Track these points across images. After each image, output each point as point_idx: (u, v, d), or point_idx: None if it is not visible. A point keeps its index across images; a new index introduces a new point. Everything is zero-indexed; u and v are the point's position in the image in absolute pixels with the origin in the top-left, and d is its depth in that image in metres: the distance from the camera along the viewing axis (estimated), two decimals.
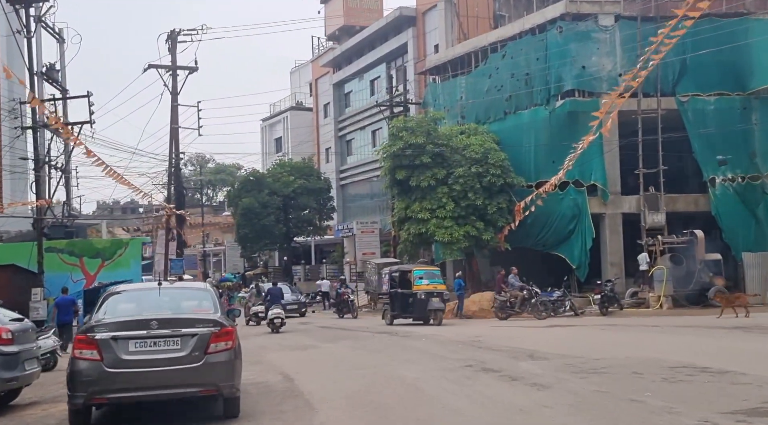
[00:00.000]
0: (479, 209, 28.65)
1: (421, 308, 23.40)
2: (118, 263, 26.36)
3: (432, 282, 23.73)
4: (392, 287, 25.14)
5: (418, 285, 23.55)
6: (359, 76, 46.66)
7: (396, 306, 24.46)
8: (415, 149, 28.87)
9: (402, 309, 24.21)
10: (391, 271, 25.90)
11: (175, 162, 27.05)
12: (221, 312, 9.34)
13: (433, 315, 23.34)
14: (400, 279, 24.75)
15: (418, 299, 23.37)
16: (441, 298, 23.59)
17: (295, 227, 44.10)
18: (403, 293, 24.18)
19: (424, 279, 23.70)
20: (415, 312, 23.76)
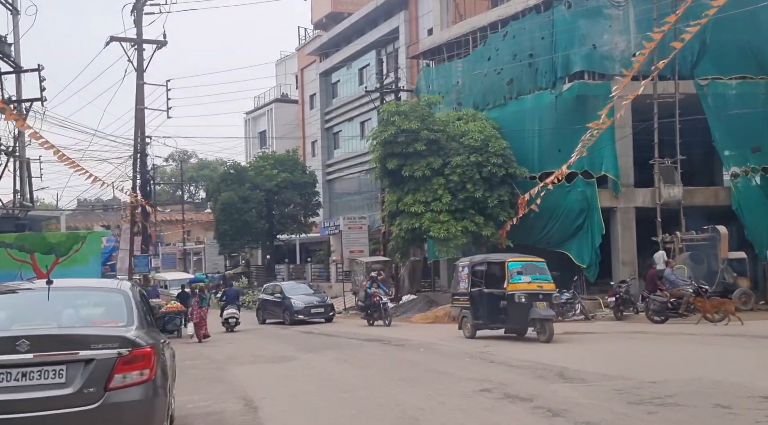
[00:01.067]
0: (478, 202, 25.59)
1: (518, 316, 16.24)
2: (75, 259, 23.00)
3: (536, 280, 16.49)
4: (474, 285, 17.70)
5: (515, 282, 16.35)
6: (347, 64, 43.56)
7: (480, 312, 17.35)
8: (408, 135, 25.76)
9: (489, 317, 17.12)
10: (474, 263, 18.20)
11: (141, 146, 23.79)
12: (140, 324, 6.22)
13: (537, 327, 16.03)
14: (486, 275, 17.48)
15: (515, 303, 16.17)
16: (549, 303, 16.24)
17: (278, 223, 40.95)
18: (491, 294, 17.01)
19: (523, 275, 16.49)
20: (509, 322, 16.77)
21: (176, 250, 56.13)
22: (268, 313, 28.04)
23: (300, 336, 21.05)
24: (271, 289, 28.80)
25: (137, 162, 23.92)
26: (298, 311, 26.10)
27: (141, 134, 24.00)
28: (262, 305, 28.68)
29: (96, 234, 24.12)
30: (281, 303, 26.91)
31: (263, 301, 28.63)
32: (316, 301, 26.99)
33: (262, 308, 28.63)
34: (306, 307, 26.29)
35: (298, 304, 26.30)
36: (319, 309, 26.64)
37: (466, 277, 18.25)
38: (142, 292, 7.39)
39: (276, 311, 27.35)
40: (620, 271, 25.12)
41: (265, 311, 28.27)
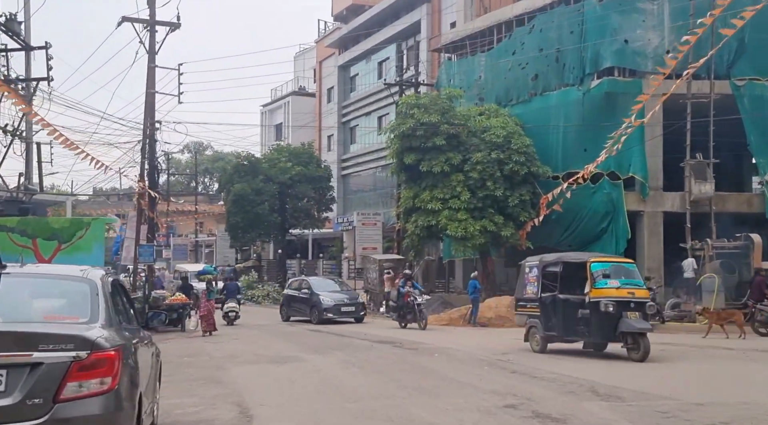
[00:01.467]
0: (498, 201, 24.40)
1: (603, 328, 13.45)
2: (77, 246, 22.07)
3: (626, 285, 13.68)
4: (546, 290, 14.75)
5: (601, 287, 13.53)
6: (366, 57, 42.43)
7: (553, 321, 14.42)
8: (427, 129, 24.60)
9: (566, 328, 14.16)
10: (545, 264, 15.26)
11: (150, 131, 22.79)
12: (107, 320, 5.13)
13: (629, 343, 13.30)
14: (562, 278, 14.55)
15: (600, 313, 13.33)
16: (643, 313, 13.49)
17: (291, 217, 39.82)
18: (567, 301, 14.18)
19: (610, 279, 13.73)
20: (592, 334, 13.81)
21: (188, 242, 55.24)
22: (293, 310, 25.91)
23: (307, 335, 19.97)
24: (298, 284, 26.54)
25: (146, 148, 22.90)
26: (327, 309, 23.96)
27: (151, 119, 22.99)
28: (286, 301, 26.46)
29: (100, 220, 23.15)
30: (308, 300, 24.80)
31: (288, 297, 26.39)
32: (346, 299, 24.66)
33: (286, 304, 26.39)
34: (336, 305, 24.13)
35: (327, 302, 24.13)
36: (349, 307, 24.38)
37: (534, 280, 15.32)
38: (117, 282, 6.31)
39: (302, 308, 25.34)
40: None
41: (290, 308, 26.13)
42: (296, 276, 41.63)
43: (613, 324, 13.30)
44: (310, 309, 24.65)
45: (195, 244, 57.86)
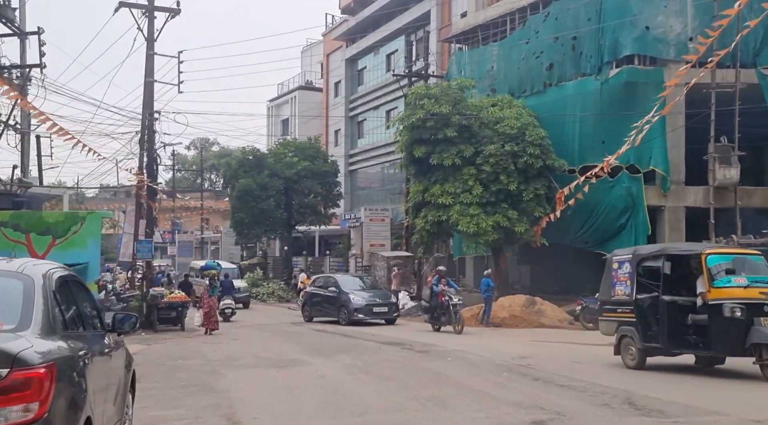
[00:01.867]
0: (512, 195, 23.22)
1: (728, 338, 10.70)
2: (72, 242, 21.02)
3: (755, 283, 10.81)
4: (643, 290, 11.97)
5: (723, 286, 10.83)
6: (375, 50, 41.25)
7: (655, 330, 11.65)
8: (438, 120, 23.44)
9: (672, 338, 11.41)
10: (641, 257, 12.40)
11: (149, 122, 21.71)
12: (44, 327, 4.01)
13: (764, 358, 10.42)
14: (665, 274, 11.80)
15: (725, 319, 10.61)
16: None
17: (297, 213, 38.71)
18: (673, 304, 11.59)
19: (735, 276, 10.95)
20: (712, 345, 10.97)
21: (193, 238, 54.27)
22: (317, 310, 23.82)
23: (312, 336, 18.85)
24: (324, 282, 24.34)
25: (144, 139, 21.83)
26: (357, 309, 21.88)
27: (149, 109, 21.92)
28: (309, 300, 24.27)
29: (96, 214, 22.10)
30: (336, 298, 22.77)
31: (312, 296, 24.23)
32: (378, 299, 22.55)
33: (309, 303, 24.23)
34: (367, 305, 21.99)
35: (358, 301, 22.04)
36: (381, 307, 22.23)
37: (626, 278, 12.38)
38: (70, 279, 5.19)
39: (328, 308, 23.28)
40: None
41: (313, 307, 23.96)
42: (303, 273, 40.68)
43: (741, 334, 10.48)
44: (338, 309, 22.64)
45: (201, 241, 56.87)
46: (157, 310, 21.03)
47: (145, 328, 21.02)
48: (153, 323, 21.00)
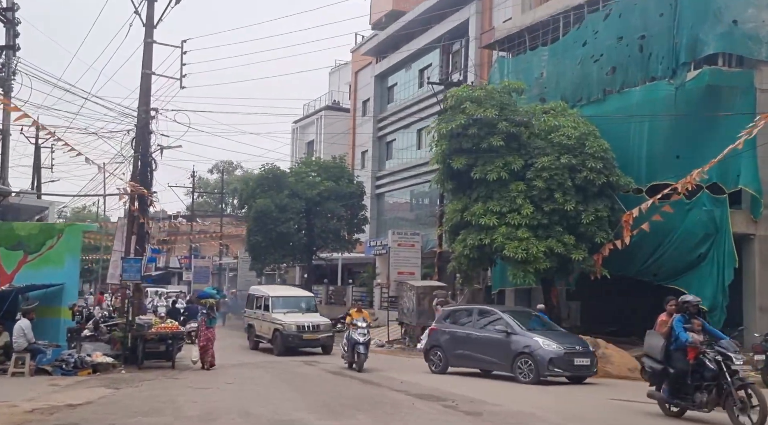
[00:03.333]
0: (568, 217, 19.26)
1: None
2: (47, 258, 17.53)
3: None
4: None
5: None
6: (406, 65, 37.75)
7: None
8: (481, 127, 19.64)
9: None
10: None
11: (144, 120, 18.18)
12: None
13: None
14: None
15: None
16: None
17: (318, 238, 34.91)
18: None
19: None
20: None
21: (209, 263, 50.70)
22: (463, 358, 16.81)
23: (325, 382, 14.89)
24: (470, 317, 17.21)
25: (139, 139, 18.30)
26: (553, 360, 14.98)
27: (146, 105, 18.42)
28: (446, 343, 17.04)
29: (75, 227, 18.51)
30: (505, 343, 15.77)
31: (451, 337, 17.04)
32: (579, 347, 15.64)
33: (446, 347, 17.00)
34: (567, 355, 15.12)
35: (551, 350, 15.11)
36: (583, 359, 15.37)
37: None
38: None
39: (487, 356, 16.22)
40: (757, 319, 18.39)
41: (454, 353, 16.85)
42: (323, 304, 36.75)
43: None
44: (511, 359, 15.52)
45: (219, 267, 53.29)
46: (144, 343, 17.26)
47: (129, 364, 17.28)
48: (139, 358, 17.23)
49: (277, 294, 24.16)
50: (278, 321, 22.12)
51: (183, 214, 58.87)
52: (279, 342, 21.88)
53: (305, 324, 22.03)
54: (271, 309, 22.76)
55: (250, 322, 24.42)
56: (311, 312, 23.35)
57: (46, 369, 16.03)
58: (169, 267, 60.24)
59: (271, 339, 22.43)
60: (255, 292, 25.09)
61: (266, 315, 22.96)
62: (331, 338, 22.35)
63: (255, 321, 23.98)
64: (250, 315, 24.55)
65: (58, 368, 16.08)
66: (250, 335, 24.37)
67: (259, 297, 24.15)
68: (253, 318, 24.17)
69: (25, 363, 15.51)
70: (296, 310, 22.94)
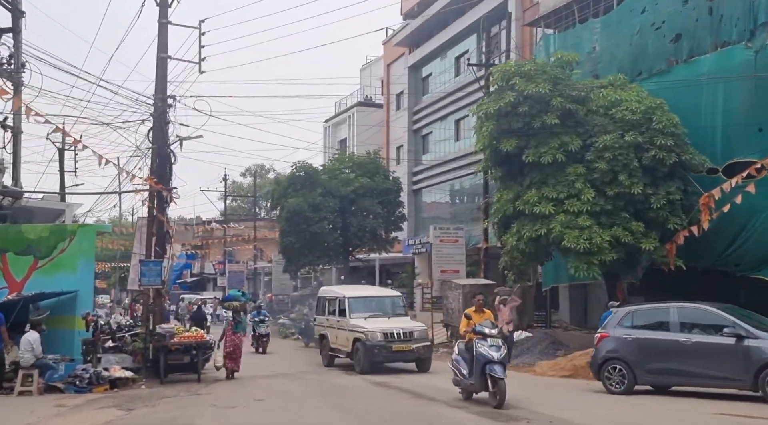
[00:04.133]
0: (636, 202, 16.94)
1: None
2: (58, 263, 15.81)
3: None
4: None
5: None
6: (441, 53, 35.60)
7: None
8: (533, 105, 17.42)
9: None
10: None
11: (161, 109, 16.36)
12: None
13: None
14: None
15: None
16: None
17: (354, 237, 32.91)
18: None
19: None
20: None
21: (243, 268, 49.11)
22: (664, 374, 12.81)
23: (370, 396, 12.80)
24: (679, 315, 12.96)
25: (157, 131, 16.48)
26: None
27: (162, 93, 16.60)
28: (637, 352, 12.99)
29: (89, 228, 16.76)
30: (738, 351, 11.82)
31: (642, 345, 13.01)
32: None
33: (637, 357, 12.95)
34: None
35: None
36: None
37: None
38: None
39: (713, 367, 12.14)
40: None
41: (647, 365, 12.87)
42: None
43: None
44: (756, 372, 11.51)
45: (254, 272, 51.68)
46: (166, 354, 15.40)
47: (151, 377, 15.45)
48: (161, 371, 15.38)
49: (355, 294, 19.36)
50: (359, 329, 17.37)
51: (216, 219, 57.45)
52: (361, 355, 17.08)
53: (394, 332, 17.22)
54: (348, 314, 18.07)
55: (323, 332, 19.68)
56: (400, 315, 18.66)
57: (58, 386, 14.28)
58: (204, 273, 58.86)
59: (350, 353, 17.74)
60: (326, 294, 20.67)
61: (342, 322, 18.34)
62: (428, 349, 17.74)
63: (328, 331, 19.28)
64: (322, 323, 19.94)
65: (71, 385, 14.32)
66: (323, 348, 19.67)
67: (332, 299, 19.62)
68: (326, 326, 19.52)
69: (33, 381, 13.77)
70: (380, 314, 18.29)
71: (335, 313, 18.95)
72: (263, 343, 24.20)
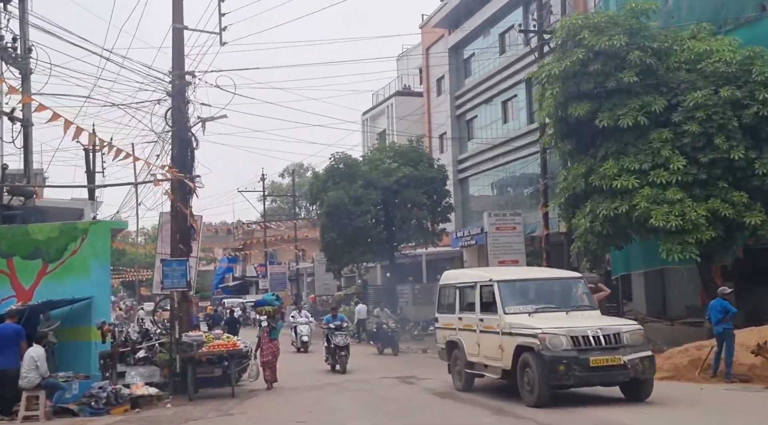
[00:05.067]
0: (736, 168, 14.20)
1: None
2: (70, 267, 13.68)
3: None
4: None
5: None
6: (484, 31, 32.92)
7: None
8: (606, 61, 14.76)
9: None
10: None
11: (179, 87, 14.15)
12: None
13: None
14: None
15: None
16: None
17: (399, 231, 30.50)
18: None
19: None
20: None
21: (285, 269, 47.12)
22: None
23: (440, 412, 10.33)
24: None
25: (175, 112, 14.28)
26: None
27: (179, 69, 14.40)
28: None
29: (102, 224, 14.58)
30: None
31: None
32: None
33: None
34: None
35: None
36: None
37: None
38: None
39: None
40: None
41: None
42: (409, 304, 32.27)
43: None
44: None
45: (296, 272, 49.65)
46: (194, 366, 13.18)
47: (180, 394, 13.26)
48: (189, 387, 13.16)
49: (509, 276, 12.37)
50: (526, 331, 10.66)
51: (256, 221, 55.73)
52: (536, 374, 10.26)
53: (589, 334, 10.42)
54: (501, 308, 11.24)
55: (453, 338, 12.74)
56: (584, 308, 11.63)
57: (71, 408, 12.15)
58: (246, 276, 57.12)
59: (508, 371, 11.00)
60: (455, 280, 13.34)
61: (490, 321, 11.49)
62: (650, 363, 10.51)
63: (463, 336, 12.36)
64: (450, 324, 12.97)
65: (85, 406, 12.16)
66: (455, 362, 12.74)
67: (467, 286, 12.63)
68: (459, 328, 12.57)
69: (40, 404, 11.65)
70: (553, 307, 11.51)
71: (474, 308, 12.05)
72: (341, 359, 16.58)
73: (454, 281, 13.30)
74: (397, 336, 21.31)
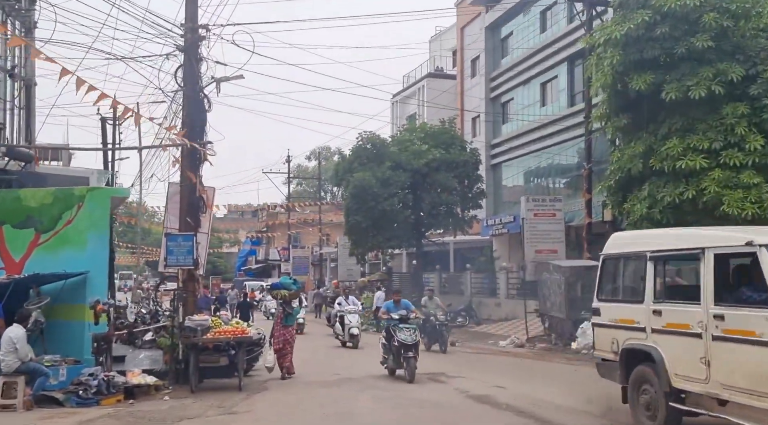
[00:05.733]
0: None
1: None
2: (64, 237, 12.20)
3: None
4: None
5: None
6: (524, 9, 30.87)
7: None
8: (675, 24, 12.81)
9: None
10: None
11: (191, 41, 12.51)
12: None
13: None
14: None
15: None
16: None
17: (428, 216, 28.76)
18: None
19: None
20: None
21: (308, 254, 45.67)
22: None
23: (469, 415, 8.61)
24: None
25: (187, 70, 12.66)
26: None
27: (192, 22, 12.76)
28: None
29: (100, 192, 13.03)
30: None
31: None
32: None
33: None
34: None
35: None
36: None
37: None
38: None
39: None
40: None
41: None
42: (439, 293, 30.52)
43: None
44: None
45: (319, 257, 48.17)
46: (197, 354, 11.61)
47: (182, 383, 11.73)
48: (191, 377, 11.60)
49: None
50: None
51: (281, 203, 54.34)
52: None
53: None
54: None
55: (638, 345, 7.92)
56: None
57: (56, 397, 10.66)
58: (269, 259, 55.82)
59: None
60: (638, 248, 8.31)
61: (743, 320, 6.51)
62: None
63: (665, 342, 7.51)
64: (627, 321, 8.15)
65: (73, 395, 10.67)
66: (639, 386, 7.92)
67: (678, 257, 8.43)
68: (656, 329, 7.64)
69: (18, 391, 10.16)
70: None
71: (700, 296, 7.06)
72: (407, 361, 12.30)
73: (644, 248, 8.04)
74: (447, 330, 18.59)
